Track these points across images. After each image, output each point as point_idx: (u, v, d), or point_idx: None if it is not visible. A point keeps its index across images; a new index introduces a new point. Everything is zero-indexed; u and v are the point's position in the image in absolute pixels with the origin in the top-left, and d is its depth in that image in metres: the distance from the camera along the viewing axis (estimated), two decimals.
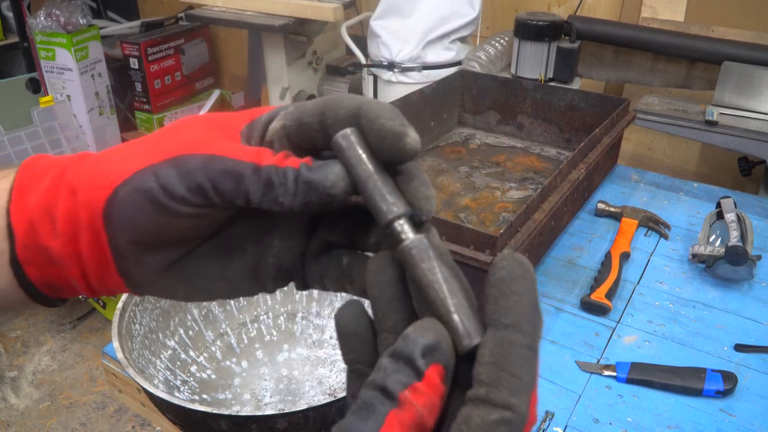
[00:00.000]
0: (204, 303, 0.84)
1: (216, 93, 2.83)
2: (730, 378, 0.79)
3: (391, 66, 2.01)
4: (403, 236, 0.28)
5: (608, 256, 1.02)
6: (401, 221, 0.28)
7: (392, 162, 0.30)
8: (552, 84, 1.68)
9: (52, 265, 0.33)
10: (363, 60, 2.13)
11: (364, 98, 0.30)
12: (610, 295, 0.94)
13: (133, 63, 2.62)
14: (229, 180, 0.30)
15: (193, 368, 0.79)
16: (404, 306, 0.28)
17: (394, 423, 0.23)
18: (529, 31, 1.77)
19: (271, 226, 0.35)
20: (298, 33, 2.25)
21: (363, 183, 0.29)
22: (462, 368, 0.26)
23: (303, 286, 0.36)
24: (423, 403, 0.23)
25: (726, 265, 0.96)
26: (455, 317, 0.26)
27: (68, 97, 2.49)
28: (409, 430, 0.23)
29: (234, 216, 0.34)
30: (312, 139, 0.31)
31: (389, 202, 0.29)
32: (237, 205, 0.31)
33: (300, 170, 0.30)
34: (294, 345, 0.86)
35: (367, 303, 0.30)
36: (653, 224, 1.13)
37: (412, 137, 0.29)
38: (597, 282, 0.96)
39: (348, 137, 0.29)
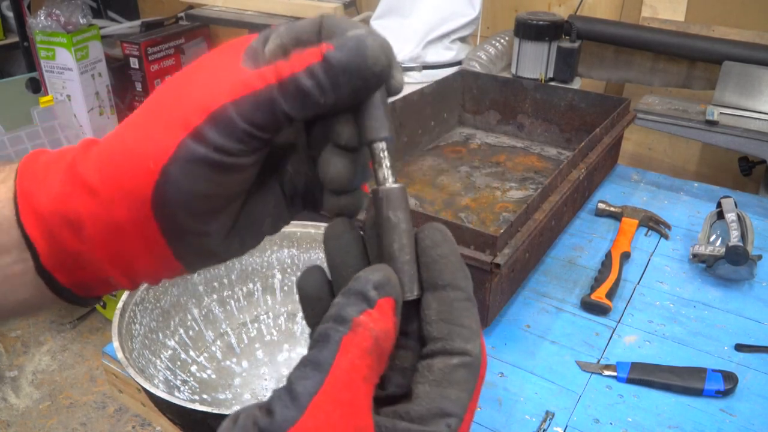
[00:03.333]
0: (204, 302, 0.84)
1: None
2: (730, 378, 0.79)
3: None
4: (386, 178, 0.30)
5: (608, 255, 1.02)
6: (384, 151, 0.30)
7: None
8: (552, 84, 1.68)
9: (83, 269, 0.32)
10: None
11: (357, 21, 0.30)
12: (610, 294, 0.94)
13: (134, 63, 2.62)
14: (264, 112, 0.28)
15: (194, 368, 0.79)
16: (362, 268, 0.29)
17: (350, 346, 0.24)
18: (529, 30, 1.77)
19: (284, 153, 0.35)
20: None
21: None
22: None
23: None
24: (378, 327, 0.24)
25: (726, 265, 0.96)
26: (405, 268, 0.28)
27: (68, 96, 2.49)
28: (366, 352, 0.24)
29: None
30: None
31: (378, 126, 0.30)
32: (282, 131, 0.30)
33: (327, 59, 0.28)
34: (294, 345, 0.86)
35: (326, 267, 0.31)
36: (654, 224, 1.13)
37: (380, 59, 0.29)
38: (597, 282, 0.96)
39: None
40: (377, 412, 0.26)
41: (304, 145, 0.35)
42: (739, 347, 0.86)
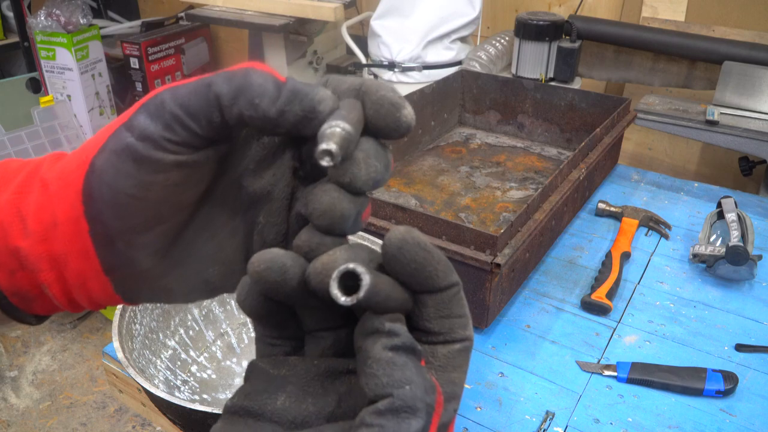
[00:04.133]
0: (205, 302, 0.84)
1: None
2: (730, 378, 0.79)
3: (391, 66, 2.01)
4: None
5: (609, 255, 1.02)
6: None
7: (387, 132, 0.29)
8: (552, 84, 1.68)
9: (22, 269, 0.31)
10: (363, 60, 2.13)
11: (365, 78, 0.30)
12: (610, 294, 0.94)
13: (134, 63, 2.62)
14: (197, 96, 0.28)
15: (194, 368, 0.79)
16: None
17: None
18: (529, 30, 1.77)
19: (257, 201, 0.33)
20: (298, 33, 2.25)
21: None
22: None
23: None
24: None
25: (727, 265, 0.96)
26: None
27: (68, 96, 2.49)
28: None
29: (219, 189, 0.33)
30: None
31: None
32: (214, 125, 0.28)
33: (285, 81, 0.28)
34: None
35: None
36: (654, 224, 1.13)
37: (409, 110, 0.29)
38: (597, 282, 0.96)
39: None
40: None
41: (284, 193, 0.33)
42: (739, 347, 0.86)
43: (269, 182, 0.32)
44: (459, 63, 1.98)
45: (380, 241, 0.33)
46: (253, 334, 0.86)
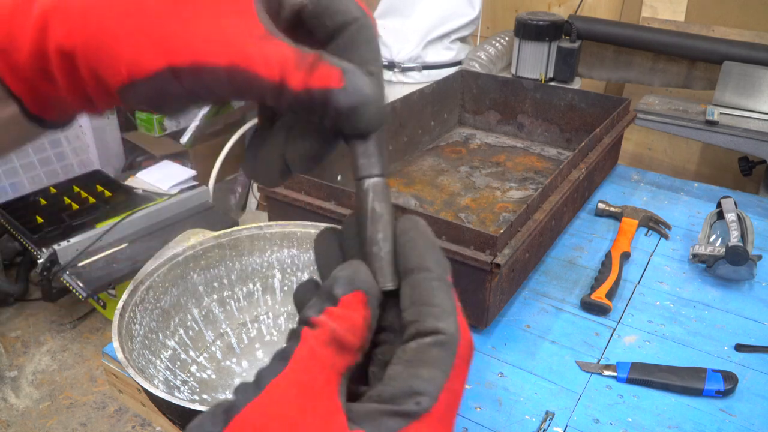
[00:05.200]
0: (204, 302, 0.84)
1: None
2: (730, 378, 0.79)
3: (391, 66, 2.01)
4: (370, 168, 0.30)
5: (608, 256, 1.02)
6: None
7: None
8: (552, 84, 1.68)
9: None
10: None
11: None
12: (610, 295, 0.94)
13: None
14: (251, 95, 0.29)
15: (194, 368, 0.79)
16: None
17: (309, 338, 0.25)
18: (529, 30, 1.77)
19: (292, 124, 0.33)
20: None
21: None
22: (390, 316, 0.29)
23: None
24: (339, 323, 0.26)
25: (726, 265, 0.96)
26: (388, 258, 0.29)
27: None
28: (324, 344, 0.25)
29: None
30: (326, 27, 0.30)
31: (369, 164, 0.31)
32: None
33: (331, 94, 0.28)
34: None
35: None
36: (654, 224, 1.13)
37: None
38: (597, 282, 0.96)
39: None
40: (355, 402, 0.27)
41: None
42: (739, 347, 0.86)
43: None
44: (459, 63, 1.98)
45: None
46: (252, 334, 0.86)
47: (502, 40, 1.94)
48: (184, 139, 2.67)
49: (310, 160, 0.32)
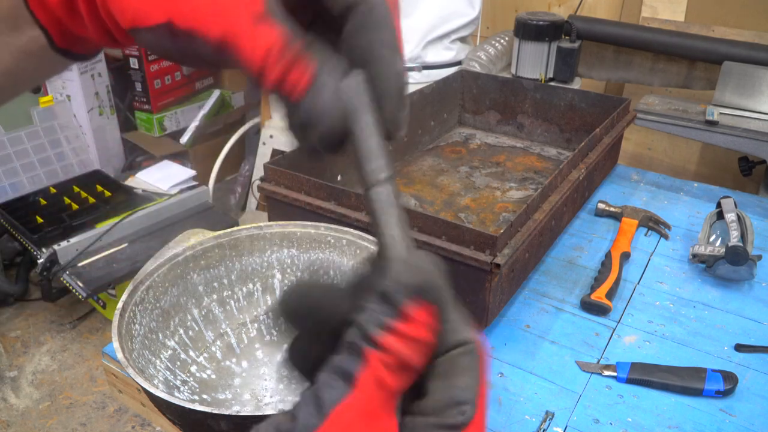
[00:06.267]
0: (204, 302, 0.84)
1: (216, 93, 2.83)
2: (730, 378, 0.79)
3: None
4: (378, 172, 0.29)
5: (608, 256, 1.02)
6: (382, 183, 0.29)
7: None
8: (552, 84, 1.68)
9: None
10: None
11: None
12: (610, 295, 0.94)
13: (133, 63, 2.62)
14: (237, 66, 0.29)
15: (193, 368, 0.79)
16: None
17: (375, 363, 0.24)
18: (529, 30, 1.77)
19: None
20: None
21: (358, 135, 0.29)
22: None
23: None
24: (406, 347, 0.24)
25: (726, 265, 0.96)
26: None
27: (68, 96, 2.49)
28: (390, 370, 0.24)
29: None
30: (334, 6, 0.30)
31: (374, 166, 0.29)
32: None
33: (290, 100, 0.28)
34: None
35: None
36: (653, 224, 1.13)
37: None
38: (597, 282, 0.96)
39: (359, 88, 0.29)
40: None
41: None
42: (739, 347, 0.86)
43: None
44: (459, 63, 1.98)
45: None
46: (252, 334, 0.86)
47: (502, 40, 1.94)
48: (184, 139, 2.67)
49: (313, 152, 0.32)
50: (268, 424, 0.24)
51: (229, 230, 0.84)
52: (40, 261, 1.91)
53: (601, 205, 1.17)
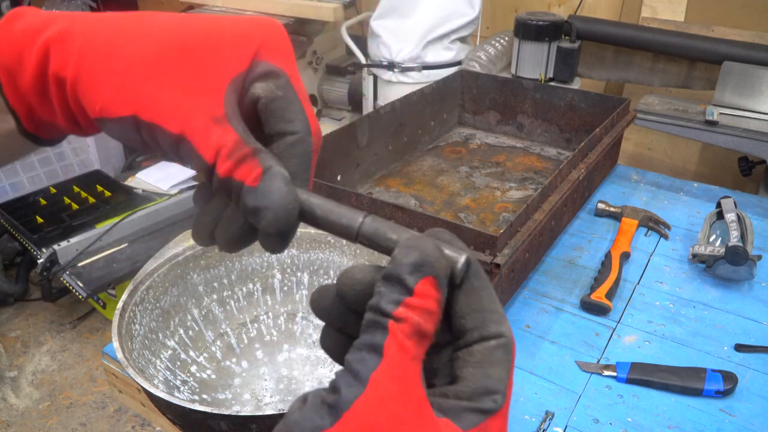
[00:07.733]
0: (204, 302, 0.84)
1: None
2: (730, 378, 0.79)
3: (391, 66, 2.02)
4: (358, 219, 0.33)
5: (608, 256, 1.02)
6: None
7: None
8: (552, 84, 1.68)
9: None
10: (363, 60, 2.13)
11: None
12: (610, 295, 0.94)
13: None
14: (191, 164, 0.34)
15: (193, 368, 0.79)
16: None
17: (397, 333, 0.27)
18: (529, 31, 1.77)
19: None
20: (298, 33, 2.25)
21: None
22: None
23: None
24: (419, 315, 0.27)
25: (726, 265, 0.96)
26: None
27: None
28: (410, 337, 0.27)
29: None
30: (269, 127, 0.34)
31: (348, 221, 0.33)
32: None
33: (243, 190, 0.32)
34: (294, 345, 0.86)
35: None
36: (653, 224, 1.13)
37: None
38: (597, 282, 0.96)
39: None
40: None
41: None
42: (739, 347, 0.86)
43: None
44: (458, 63, 1.99)
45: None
46: (252, 334, 0.86)
47: (501, 40, 1.94)
48: None
49: (234, 244, 0.36)
50: (314, 396, 0.27)
51: None
52: (40, 261, 1.91)
53: (601, 205, 1.17)
